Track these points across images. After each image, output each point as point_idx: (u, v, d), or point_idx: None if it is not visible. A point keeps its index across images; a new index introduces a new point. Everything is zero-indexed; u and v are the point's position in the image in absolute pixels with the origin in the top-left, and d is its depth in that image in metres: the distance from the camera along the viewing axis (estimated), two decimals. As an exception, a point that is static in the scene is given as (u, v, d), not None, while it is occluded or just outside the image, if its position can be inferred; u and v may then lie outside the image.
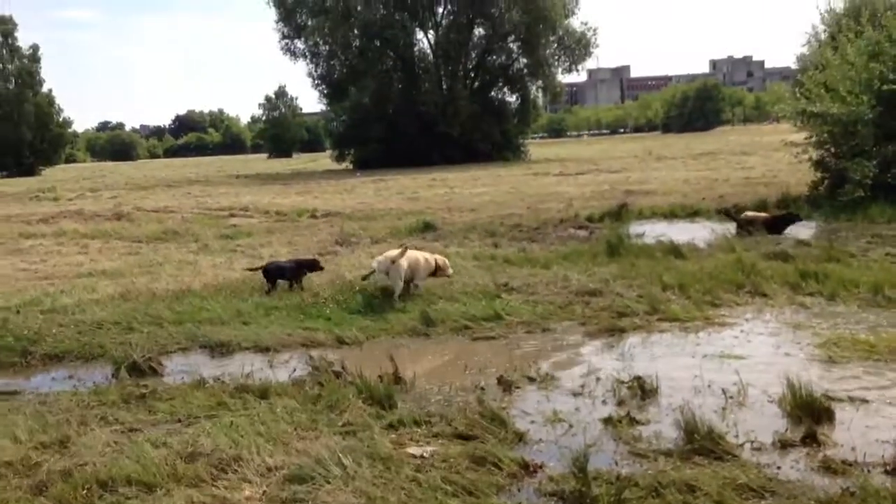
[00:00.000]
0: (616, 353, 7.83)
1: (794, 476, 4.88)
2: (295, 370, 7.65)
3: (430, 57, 54.55)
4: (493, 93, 55.62)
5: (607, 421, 5.92)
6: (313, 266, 11.53)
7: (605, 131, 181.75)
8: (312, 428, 6.02)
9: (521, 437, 5.70)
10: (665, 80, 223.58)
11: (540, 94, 55.71)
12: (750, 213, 15.62)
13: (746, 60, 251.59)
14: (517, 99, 54.66)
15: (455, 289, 10.52)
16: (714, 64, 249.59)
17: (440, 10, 53.92)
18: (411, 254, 10.45)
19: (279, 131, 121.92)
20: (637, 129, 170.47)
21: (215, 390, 7.08)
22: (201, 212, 24.88)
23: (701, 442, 5.24)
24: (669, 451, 5.28)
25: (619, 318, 8.95)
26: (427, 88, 51.14)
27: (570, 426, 5.91)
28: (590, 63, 52.96)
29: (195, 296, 10.84)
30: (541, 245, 14.47)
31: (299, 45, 55.61)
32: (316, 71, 54.93)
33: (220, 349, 8.75)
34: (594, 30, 52.91)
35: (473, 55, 53.82)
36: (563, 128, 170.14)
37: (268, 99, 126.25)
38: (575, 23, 53.22)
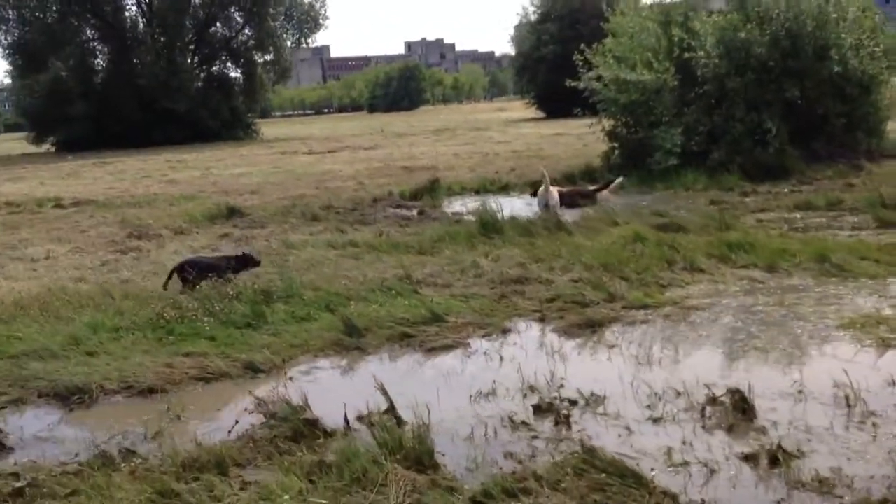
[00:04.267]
0: (627, 355, 6.39)
1: None
2: (237, 422, 5.33)
3: (142, 25, 49.15)
4: (216, 67, 51.48)
5: (750, 458, 4.47)
6: (248, 262, 9.07)
7: (309, 111, 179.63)
8: (359, 521, 3.95)
9: (675, 500, 4.07)
10: (365, 61, 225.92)
11: (268, 70, 52.42)
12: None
13: (439, 43, 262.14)
14: (242, 74, 51.03)
15: (356, 286, 8.49)
16: (409, 46, 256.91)
17: (151, -27, 48.73)
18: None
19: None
20: (342, 109, 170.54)
21: (140, 471, 4.64)
22: None
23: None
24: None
25: (580, 309, 7.53)
26: (148, 60, 45.88)
27: (712, 471, 4.37)
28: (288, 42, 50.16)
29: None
30: (384, 227, 12.67)
31: (-21, 9, 47.49)
32: (5, 39, 47.26)
33: (75, 396, 6.08)
34: (322, 1, 50.87)
35: (190, 25, 49.26)
36: (268, 108, 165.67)
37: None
38: (303, -7, 50.76)
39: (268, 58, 51.16)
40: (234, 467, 4.69)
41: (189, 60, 48.52)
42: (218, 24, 50.68)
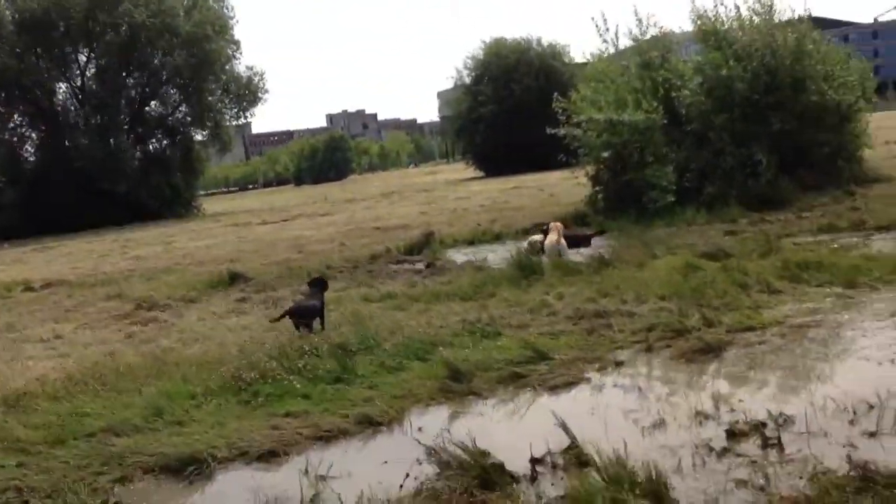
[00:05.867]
0: (776, 375, 5.99)
1: None
2: (408, 475, 4.72)
3: (75, 107, 47.77)
4: (152, 144, 50.27)
5: None
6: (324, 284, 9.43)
7: (233, 188, 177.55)
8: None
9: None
10: (288, 135, 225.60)
11: (206, 146, 51.51)
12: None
13: (361, 113, 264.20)
14: (179, 151, 49.86)
15: (431, 333, 7.94)
16: (331, 118, 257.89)
17: (82, 56, 47.55)
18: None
19: None
20: (267, 184, 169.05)
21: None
22: None
23: None
24: None
25: (684, 337, 7.12)
26: (83, 143, 44.44)
27: None
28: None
29: (44, 397, 6.95)
30: (412, 279, 12.14)
31: None
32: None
33: (191, 468, 5.37)
34: (261, 74, 50.30)
35: (125, 104, 48.06)
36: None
37: None
38: (240, 67, 50.26)
39: (205, 133, 50.21)
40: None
41: (129, 140, 47.22)
42: (153, 102, 49.72)
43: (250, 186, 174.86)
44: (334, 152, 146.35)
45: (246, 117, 51.36)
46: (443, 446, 4.88)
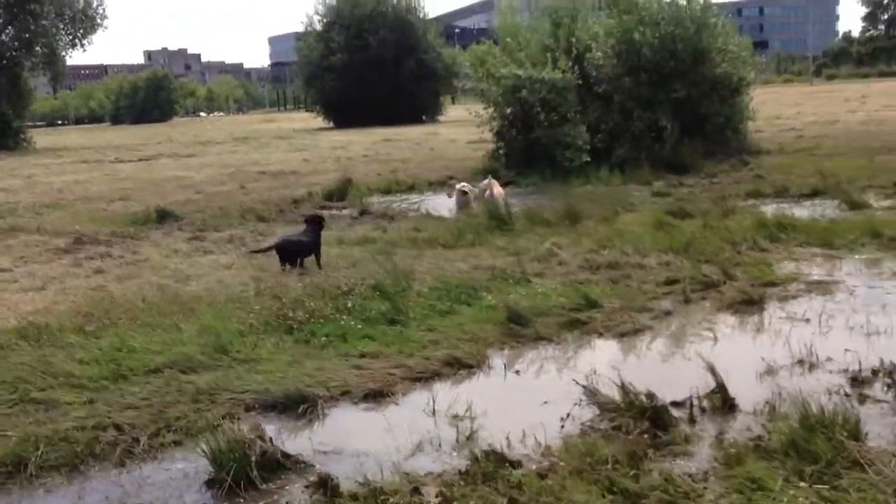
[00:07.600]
0: (841, 327, 6.29)
1: None
2: (569, 415, 4.66)
3: None
4: (-26, 70, 45.34)
5: None
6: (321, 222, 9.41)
7: (40, 123, 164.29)
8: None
9: None
10: (101, 70, 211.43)
11: (37, 74, 47.10)
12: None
13: (182, 52, 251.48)
14: (6, 78, 45.32)
15: (462, 277, 7.81)
16: (150, 55, 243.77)
17: None
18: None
19: None
20: (78, 121, 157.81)
21: (561, 470, 3.91)
22: None
23: None
24: None
25: (715, 290, 7.38)
26: None
27: None
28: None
29: (68, 332, 6.26)
30: (371, 226, 11.85)
31: None
32: None
33: (299, 407, 5.05)
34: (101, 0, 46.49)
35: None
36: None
37: None
38: (76, -11, 45.98)
39: (35, 60, 45.85)
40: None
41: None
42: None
43: (59, 122, 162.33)
44: (157, 92, 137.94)
45: (83, 45, 47.19)
46: (595, 387, 4.85)
